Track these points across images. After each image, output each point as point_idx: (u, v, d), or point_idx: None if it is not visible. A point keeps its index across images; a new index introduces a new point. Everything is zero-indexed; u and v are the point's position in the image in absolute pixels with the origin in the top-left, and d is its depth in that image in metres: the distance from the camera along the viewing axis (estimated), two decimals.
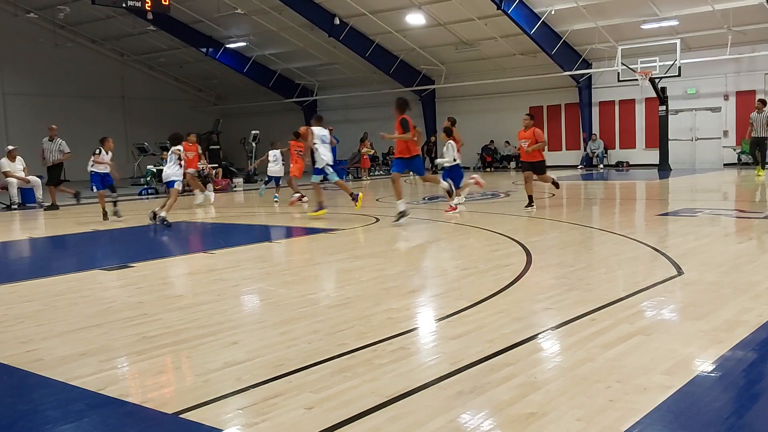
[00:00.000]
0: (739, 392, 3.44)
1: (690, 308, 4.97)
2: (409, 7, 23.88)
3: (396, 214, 10.62)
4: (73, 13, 26.50)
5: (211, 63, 31.48)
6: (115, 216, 12.58)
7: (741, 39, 22.09)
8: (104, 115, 31.75)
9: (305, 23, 25.72)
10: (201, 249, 8.68)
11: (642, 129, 25.72)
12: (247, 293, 6.28)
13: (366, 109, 31.28)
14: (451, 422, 3.09)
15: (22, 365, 4.13)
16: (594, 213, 12.11)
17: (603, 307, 4.96)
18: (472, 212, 11.91)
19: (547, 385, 3.47)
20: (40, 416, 3.38)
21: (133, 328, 4.92)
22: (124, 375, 3.98)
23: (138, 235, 11.17)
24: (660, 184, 18.18)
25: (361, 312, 5.12)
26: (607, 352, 3.94)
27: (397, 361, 3.93)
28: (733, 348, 3.97)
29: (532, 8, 23.10)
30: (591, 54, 25.42)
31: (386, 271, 6.95)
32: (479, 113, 28.73)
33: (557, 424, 3.01)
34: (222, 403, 3.42)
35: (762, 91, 23.17)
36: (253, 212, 14.78)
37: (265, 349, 4.30)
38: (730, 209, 11.38)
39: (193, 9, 26.53)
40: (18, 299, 6.12)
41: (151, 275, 7.15)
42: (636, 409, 3.12)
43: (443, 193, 11.79)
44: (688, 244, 7.89)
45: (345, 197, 12.36)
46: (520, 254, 7.36)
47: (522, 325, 4.60)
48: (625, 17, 22.74)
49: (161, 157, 21.99)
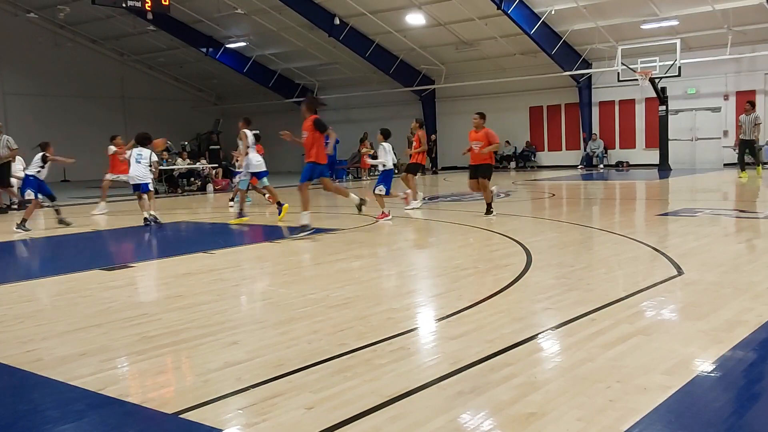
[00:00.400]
0: (739, 392, 3.44)
1: (690, 308, 4.97)
2: (409, 7, 23.88)
3: (299, 226, 9.52)
4: (73, 13, 26.50)
5: (211, 63, 31.49)
6: (62, 224, 11.75)
7: (741, 39, 22.10)
8: (104, 115, 31.76)
9: (305, 23, 25.72)
10: (201, 249, 8.68)
11: (642, 129, 25.74)
12: (247, 293, 6.28)
13: (366, 109, 31.29)
14: (451, 422, 3.09)
15: (22, 365, 4.13)
16: (594, 213, 12.11)
17: (603, 307, 4.96)
18: (473, 212, 11.90)
19: (547, 385, 3.47)
20: (40, 416, 3.38)
21: (133, 328, 4.92)
22: (124, 375, 3.98)
23: (139, 234, 11.17)
24: (660, 184, 18.18)
25: (361, 312, 5.12)
26: (607, 352, 3.94)
27: (397, 361, 3.93)
28: (733, 348, 3.96)
29: (532, 8, 23.11)
30: (591, 54, 25.43)
31: (386, 271, 6.95)
32: None
33: (557, 424, 3.01)
34: (222, 403, 3.42)
35: (762, 91, 23.20)
36: (253, 212, 14.78)
37: (265, 349, 4.30)
38: (730, 209, 11.38)
39: (193, 9, 26.53)
40: (18, 299, 6.12)
41: (151, 275, 7.14)
42: (636, 409, 3.12)
43: (356, 204, 10.20)
44: (688, 244, 7.89)
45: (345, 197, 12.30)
46: (520, 254, 7.36)
47: (522, 325, 4.60)
48: (625, 17, 22.74)
49: (162, 157, 22.00)
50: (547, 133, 28.17)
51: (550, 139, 28.08)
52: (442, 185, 20.59)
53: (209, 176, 21.96)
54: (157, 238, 10.64)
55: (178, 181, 21.61)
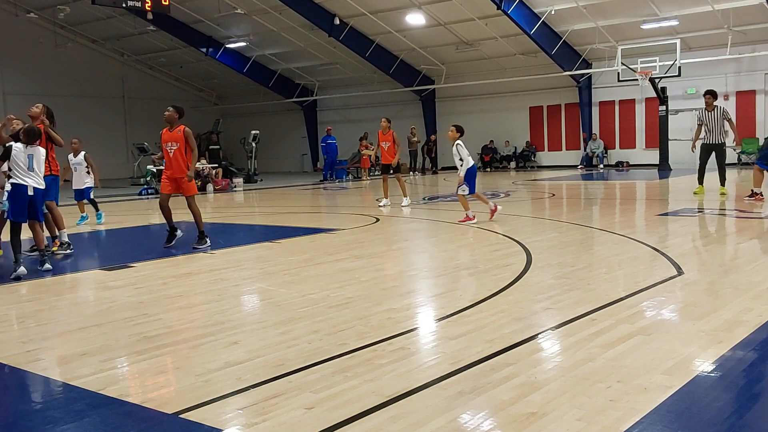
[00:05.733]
0: (739, 392, 3.44)
1: (690, 308, 4.97)
2: (409, 7, 23.87)
3: (169, 237, 9.00)
4: (73, 13, 26.50)
5: (211, 63, 31.48)
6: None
7: (741, 39, 22.09)
8: (104, 115, 31.76)
9: (305, 23, 25.71)
10: (201, 249, 8.68)
11: (642, 129, 25.73)
12: (247, 293, 6.28)
13: (366, 109, 31.28)
14: (452, 422, 3.09)
15: (22, 365, 4.13)
16: (594, 213, 12.10)
17: (603, 307, 4.96)
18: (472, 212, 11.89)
19: (548, 385, 3.47)
20: (40, 416, 3.38)
21: (133, 328, 4.92)
22: (124, 375, 3.98)
23: (138, 235, 11.17)
24: (660, 184, 18.18)
25: (361, 312, 5.12)
26: (608, 352, 3.94)
27: (398, 361, 3.93)
28: (733, 348, 3.97)
29: (532, 8, 23.10)
30: (591, 54, 25.43)
31: (386, 271, 6.95)
32: (479, 113, 28.73)
33: (557, 424, 3.01)
34: (222, 403, 3.42)
35: (762, 91, 23.20)
36: (253, 212, 14.78)
37: (265, 348, 4.30)
38: (731, 209, 11.37)
39: (193, 9, 26.52)
40: (18, 299, 6.12)
41: (151, 275, 7.15)
42: (636, 409, 3.12)
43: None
44: (688, 244, 7.89)
45: (345, 196, 12.34)
46: (520, 254, 7.36)
47: (522, 325, 4.60)
48: (625, 17, 22.74)
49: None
50: (547, 133, 28.15)
51: (550, 139, 28.07)
52: (442, 185, 20.59)
53: (209, 176, 21.97)
54: (157, 239, 10.63)
55: None
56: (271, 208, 14.82)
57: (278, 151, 34.33)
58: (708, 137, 13.49)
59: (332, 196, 18.88)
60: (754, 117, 23.37)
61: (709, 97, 13.38)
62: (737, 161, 23.08)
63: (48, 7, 27.36)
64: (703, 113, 13.46)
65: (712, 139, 13.45)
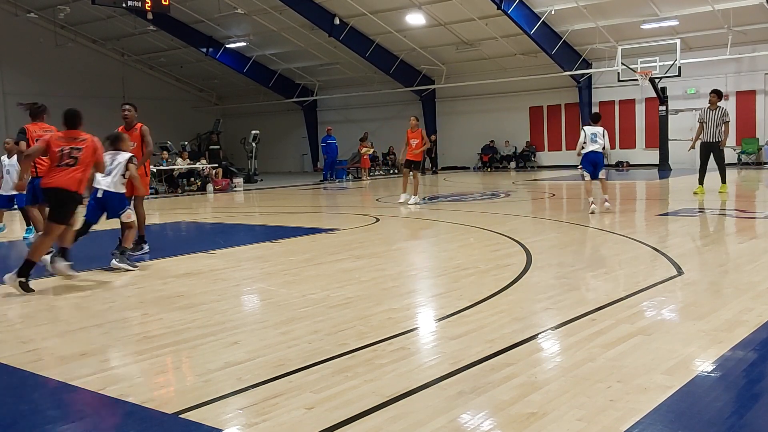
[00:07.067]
0: (739, 392, 3.44)
1: (690, 308, 4.97)
2: (409, 7, 23.87)
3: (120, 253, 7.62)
4: (73, 13, 26.50)
5: (211, 63, 31.48)
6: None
7: (741, 39, 22.08)
8: (105, 115, 31.43)
9: (305, 23, 25.71)
10: (201, 249, 8.68)
11: (642, 129, 25.72)
12: (247, 293, 6.28)
13: (366, 109, 31.29)
14: (452, 422, 3.09)
15: (22, 365, 4.13)
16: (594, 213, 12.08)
17: (603, 307, 4.96)
18: (472, 212, 11.91)
19: (548, 385, 3.47)
20: (40, 416, 3.38)
21: (133, 328, 4.92)
22: (124, 375, 3.97)
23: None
24: (660, 184, 18.17)
25: (361, 312, 5.12)
26: (608, 352, 3.94)
27: (398, 361, 3.93)
28: (733, 348, 3.97)
29: (532, 8, 23.10)
30: (591, 54, 25.42)
31: (386, 271, 6.95)
32: (479, 113, 28.73)
33: (557, 424, 3.01)
34: (222, 403, 3.42)
35: (762, 91, 23.20)
36: (253, 212, 14.78)
37: (265, 349, 4.30)
38: (731, 209, 11.37)
39: (193, 9, 26.53)
40: (18, 299, 6.12)
41: (151, 275, 7.15)
42: (636, 409, 3.12)
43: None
44: (688, 244, 7.89)
45: (345, 197, 12.34)
46: (520, 254, 7.36)
47: (522, 325, 4.60)
48: (625, 17, 22.74)
49: (161, 156, 22.00)
50: (547, 133, 28.15)
51: (550, 139, 28.07)
52: (442, 185, 20.59)
53: (209, 176, 21.97)
54: (156, 238, 10.62)
55: (177, 181, 21.63)
56: (271, 208, 14.83)
57: (278, 151, 34.33)
58: (705, 136, 13.79)
59: (332, 196, 18.89)
60: (754, 117, 23.37)
61: (714, 96, 13.71)
62: (737, 161, 23.09)
63: (48, 7, 27.36)
64: (704, 111, 13.81)
65: (709, 137, 13.73)
